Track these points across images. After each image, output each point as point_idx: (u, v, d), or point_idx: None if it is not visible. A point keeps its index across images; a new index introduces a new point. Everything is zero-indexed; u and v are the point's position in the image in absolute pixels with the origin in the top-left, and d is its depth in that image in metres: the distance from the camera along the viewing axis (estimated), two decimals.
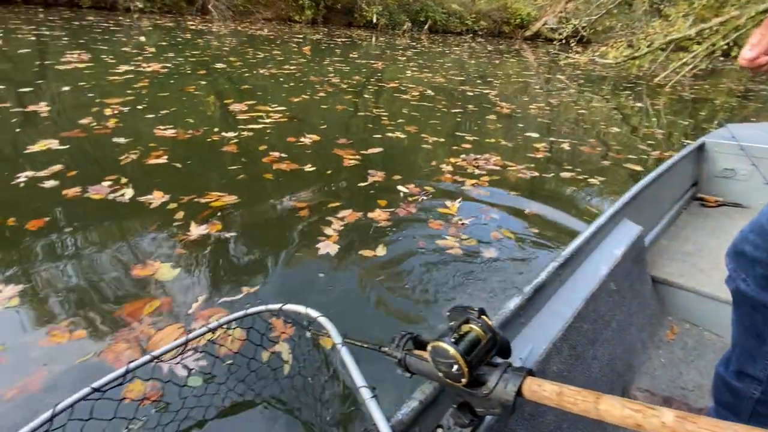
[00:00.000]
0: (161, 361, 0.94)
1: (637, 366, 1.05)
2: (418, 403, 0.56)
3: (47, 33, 6.01)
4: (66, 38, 5.72)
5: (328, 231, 1.65)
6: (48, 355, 1.01)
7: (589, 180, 2.44)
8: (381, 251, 1.54)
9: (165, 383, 0.95)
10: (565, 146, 3.13)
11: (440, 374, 0.47)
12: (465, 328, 0.47)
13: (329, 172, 2.26)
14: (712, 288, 1.16)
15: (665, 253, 1.37)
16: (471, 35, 16.51)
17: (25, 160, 2.03)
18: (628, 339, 1.05)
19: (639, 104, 5.26)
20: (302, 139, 2.71)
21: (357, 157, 2.50)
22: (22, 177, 1.85)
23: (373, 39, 10.67)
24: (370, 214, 1.81)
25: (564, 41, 9.15)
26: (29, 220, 1.53)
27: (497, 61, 8.74)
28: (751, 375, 0.67)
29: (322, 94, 4.11)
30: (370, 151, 2.64)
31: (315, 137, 2.78)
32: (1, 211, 1.58)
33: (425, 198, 2.01)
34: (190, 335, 0.90)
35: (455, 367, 0.44)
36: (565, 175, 2.50)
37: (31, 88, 3.29)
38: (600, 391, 0.36)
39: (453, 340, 0.45)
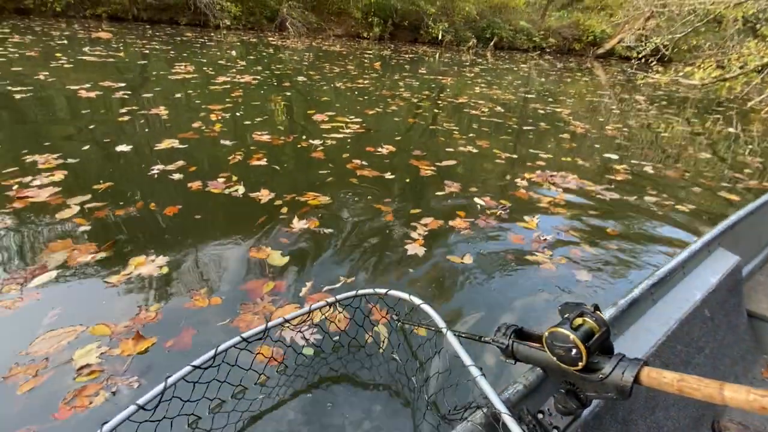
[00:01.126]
0: (287, 325, 1.11)
1: None
2: (523, 387, 0.61)
3: (157, 47, 6.90)
4: (172, 52, 6.53)
5: (414, 235, 1.77)
6: (194, 317, 1.22)
7: (676, 206, 2.34)
8: (467, 259, 1.63)
9: (287, 348, 1.11)
10: (648, 169, 3.01)
11: (554, 358, 0.52)
12: (579, 320, 0.52)
13: (408, 180, 2.40)
14: None
15: (763, 288, 1.31)
16: (539, 52, 16.17)
17: (155, 155, 2.40)
18: (720, 369, 1.04)
19: (730, 129, 4.86)
20: (380, 149, 2.89)
21: (432, 168, 2.61)
22: (155, 169, 2.19)
23: (438, 55, 10.85)
24: (451, 223, 1.90)
25: (642, 60, 8.67)
26: (166, 206, 1.82)
27: (568, 80, 8.50)
28: None
29: (394, 107, 4.30)
30: (445, 163, 2.74)
31: (391, 148, 2.94)
32: (143, 197, 1.89)
33: (503, 211, 2.06)
34: (312, 306, 1.06)
35: (574, 351, 0.49)
36: (649, 199, 2.42)
37: (151, 94, 3.83)
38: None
39: (572, 327, 0.51)
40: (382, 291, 1.04)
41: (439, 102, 4.92)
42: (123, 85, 4.07)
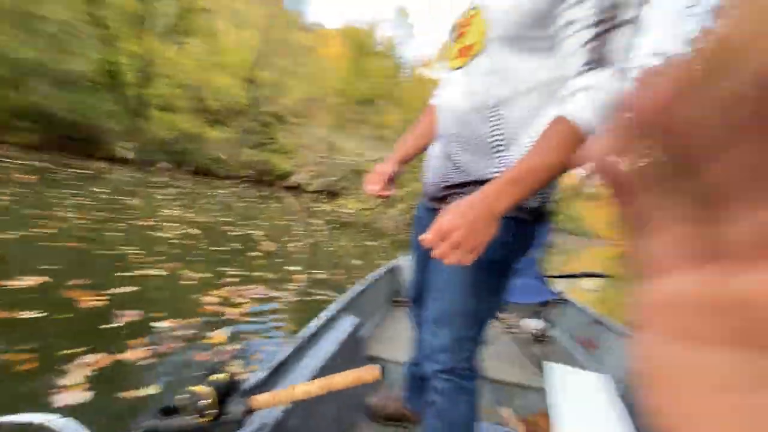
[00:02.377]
0: None
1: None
2: None
3: None
4: None
5: (70, 380, 1.42)
6: None
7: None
8: (149, 390, 1.45)
9: None
10: (321, 276, 3.80)
11: (191, 417, 0.63)
12: (212, 377, 0.67)
13: (65, 316, 1.94)
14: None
15: (377, 338, 1.92)
16: (236, 181, 17.74)
17: None
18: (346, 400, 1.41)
19: (368, 243, 6.95)
20: (16, 283, 2.23)
21: (100, 298, 2.25)
22: None
23: (123, 174, 9.91)
24: (125, 355, 1.67)
25: (314, 192, 11.31)
26: None
27: (262, 206, 9.71)
28: None
29: (49, 230, 3.49)
30: (121, 290, 2.43)
31: (38, 279, 2.34)
32: None
33: (192, 331, 2.02)
34: None
35: (205, 403, 0.62)
36: (320, 297, 3.04)
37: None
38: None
39: (207, 384, 0.66)
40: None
41: (120, 224, 4.41)
42: None
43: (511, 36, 0.67)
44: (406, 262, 2.66)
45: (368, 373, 0.70)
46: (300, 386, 0.65)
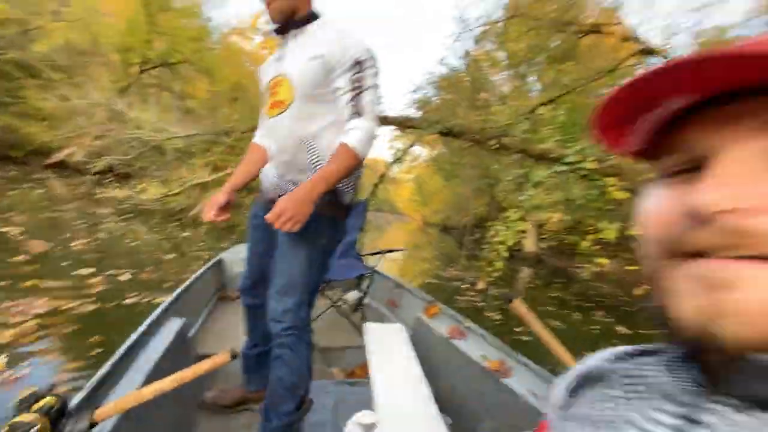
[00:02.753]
0: None
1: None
2: None
3: None
4: None
5: None
6: None
7: (154, 300, 2.79)
8: None
9: None
10: (126, 276, 3.31)
11: None
12: (37, 404, 0.68)
13: None
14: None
15: (203, 336, 1.94)
16: None
17: None
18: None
19: (184, 234, 6.29)
20: None
21: None
22: None
23: None
24: None
25: (98, 174, 9.16)
26: None
27: (14, 192, 7.26)
28: None
29: None
30: None
31: None
32: None
33: None
34: None
35: (35, 429, 0.64)
36: (129, 301, 2.71)
37: None
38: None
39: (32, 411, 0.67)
40: None
41: None
42: None
43: (308, 93, 1.05)
44: (233, 255, 2.66)
45: (221, 357, 0.84)
46: (150, 386, 0.73)
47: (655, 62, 7.81)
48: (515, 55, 16.58)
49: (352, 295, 2.52)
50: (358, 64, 1.03)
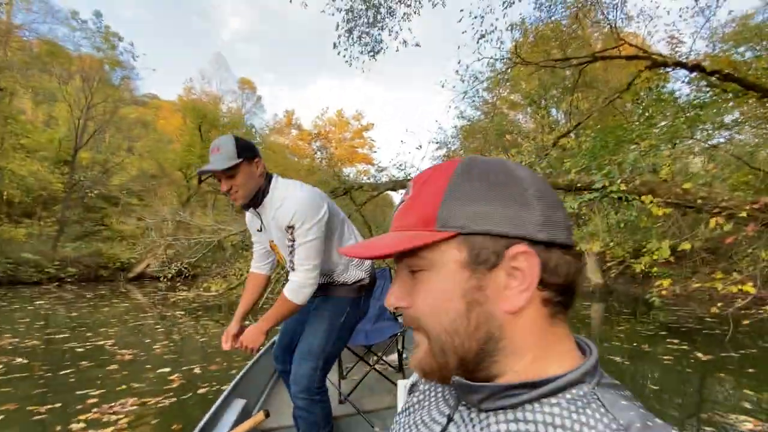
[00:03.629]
0: None
1: None
2: None
3: None
4: None
5: None
6: None
7: (222, 388, 3.10)
8: None
9: None
10: (197, 370, 3.70)
11: None
12: None
13: None
14: None
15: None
16: (56, 283, 14.52)
17: None
18: None
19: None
20: None
21: None
22: None
23: None
24: None
25: (169, 280, 10.24)
26: None
27: (106, 308, 8.35)
28: None
29: None
30: None
31: None
32: None
33: None
34: None
35: None
36: (201, 391, 3.04)
37: None
38: None
39: None
40: None
41: None
42: None
43: (286, 258, 1.38)
44: None
45: (257, 417, 1.09)
46: None
47: (669, 71, 7.75)
48: (528, 94, 17.05)
49: (393, 357, 2.66)
50: (290, 228, 1.28)
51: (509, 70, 9.72)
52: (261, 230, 1.42)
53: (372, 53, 9.02)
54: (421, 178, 0.39)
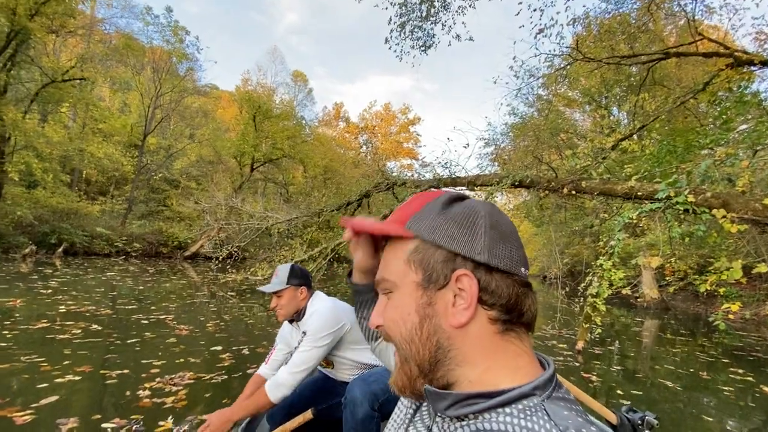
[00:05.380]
0: None
1: None
2: None
3: None
4: None
5: None
6: None
7: None
8: None
9: None
10: (245, 351, 3.96)
11: None
12: None
13: None
14: None
15: None
16: (123, 257, 15.97)
17: None
18: None
19: None
20: None
21: (27, 412, 2.22)
22: None
23: None
24: None
25: (222, 261, 10.88)
26: None
27: (166, 283, 9.09)
28: None
29: None
30: (42, 402, 2.39)
31: None
32: None
33: (137, 426, 2.14)
34: None
35: None
36: (250, 371, 3.25)
37: None
38: None
39: None
40: None
41: (5, 332, 3.97)
42: None
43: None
44: None
45: (304, 416, 1.18)
46: None
47: (755, 70, 6.98)
48: (588, 92, 16.02)
49: None
50: (304, 333, 1.55)
51: (568, 67, 9.21)
52: (298, 345, 1.60)
53: (423, 48, 8.93)
54: (417, 196, 0.50)
